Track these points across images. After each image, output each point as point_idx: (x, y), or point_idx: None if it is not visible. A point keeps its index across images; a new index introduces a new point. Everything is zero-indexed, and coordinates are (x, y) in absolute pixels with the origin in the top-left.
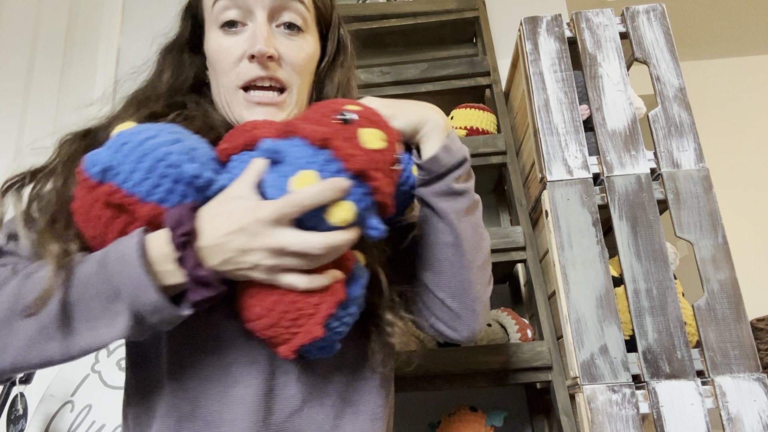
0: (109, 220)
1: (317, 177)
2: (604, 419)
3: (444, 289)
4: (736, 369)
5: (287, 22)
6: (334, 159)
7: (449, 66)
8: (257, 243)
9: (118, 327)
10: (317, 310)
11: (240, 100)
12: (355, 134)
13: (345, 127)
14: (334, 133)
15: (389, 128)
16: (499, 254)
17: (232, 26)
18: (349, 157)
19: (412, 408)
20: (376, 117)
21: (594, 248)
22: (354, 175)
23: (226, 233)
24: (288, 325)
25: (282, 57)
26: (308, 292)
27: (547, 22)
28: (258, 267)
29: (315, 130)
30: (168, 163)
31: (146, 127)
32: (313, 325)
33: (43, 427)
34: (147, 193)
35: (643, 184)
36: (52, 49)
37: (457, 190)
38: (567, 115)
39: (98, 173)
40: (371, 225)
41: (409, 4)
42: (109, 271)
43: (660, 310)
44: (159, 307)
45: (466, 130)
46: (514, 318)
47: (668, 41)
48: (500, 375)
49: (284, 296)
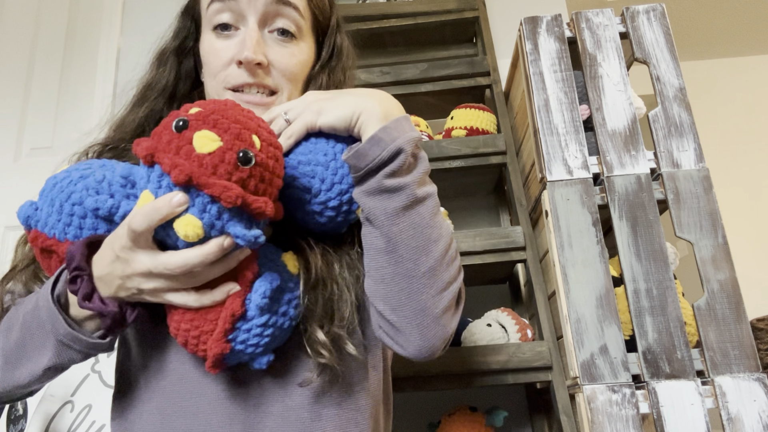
0: (47, 263)
1: (152, 196)
2: (604, 419)
3: (384, 300)
4: (736, 369)
5: (280, 29)
6: (164, 173)
7: (449, 66)
8: (129, 269)
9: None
10: (215, 326)
11: None
12: (191, 140)
13: (178, 135)
14: (156, 146)
15: (237, 124)
16: (499, 254)
17: (224, 29)
18: (173, 167)
19: (412, 408)
20: (217, 115)
21: (594, 248)
22: (185, 186)
23: (108, 263)
24: (195, 343)
25: (272, 63)
26: (206, 309)
27: (547, 22)
28: (143, 291)
29: (144, 147)
30: (72, 201)
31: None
32: (215, 342)
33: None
34: (61, 232)
35: (643, 184)
36: (52, 49)
37: (389, 186)
38: (567, 115)
39: (24, 222)
40: (235, 234)
41: (409, 4)
42: (38, 309)
43: (660, 310)
44: (74, 337)
45: (466, 130)
46: (514, 318)
47: (668, 41)
48: (500, 375)
49: (184, 315)
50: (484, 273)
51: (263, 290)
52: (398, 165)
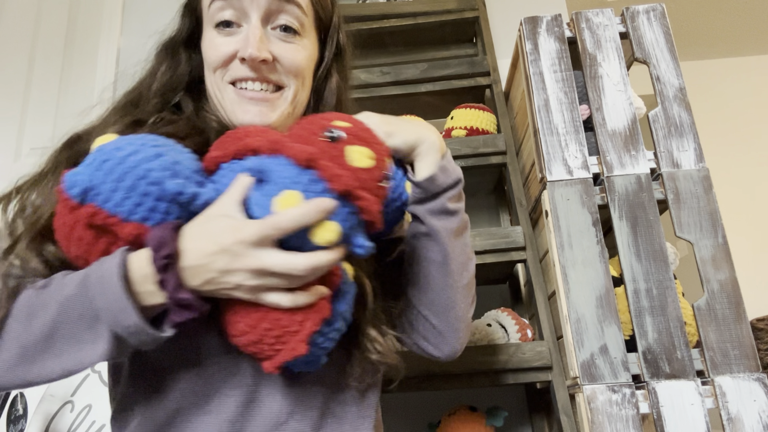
0: (92, 241)
1: (301, 198)
2: (604, 419)
3: (428, 307)
4: (736, 369)
5: (283, 25)
6: (319, 179)
7: (449, 66)
8: (239, 264)
9: (98, 350)
10: (302, 328)
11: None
12: (342, 153)
13: (332, 146)
14: (319, 153)
15: (378, 145)
16: (499, 254)
17: (226, 26)
18: (335, 177)
19: (412, 408)
20: (365, 133)
21: (594, 248)
22: (339, 195)
23: (208, 254)
24: (272, 342)
25: (277, 59)
26: (292, 310)
27: (547, 22)
28: (240, 287)
29: (302, 150)
30: (149, 180)
31: (127, 142)
32: (297, 343)
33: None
34: (129, 212)
35: (643, 184)
36: (52, 49)
37: (451, 209)
38: (567, 115)
39: (78, 194)
40: (357, 243)
41: (409, 4)
42: (90, 293)
43: (660, 310)
44: (139, 330)
45: (466, 130)
46: (514, 318)
47: (668, 41)
48: (500, 375)
49: (268, 313)
50: (484, 273)
51: (349, 297)
52: (457, 192)
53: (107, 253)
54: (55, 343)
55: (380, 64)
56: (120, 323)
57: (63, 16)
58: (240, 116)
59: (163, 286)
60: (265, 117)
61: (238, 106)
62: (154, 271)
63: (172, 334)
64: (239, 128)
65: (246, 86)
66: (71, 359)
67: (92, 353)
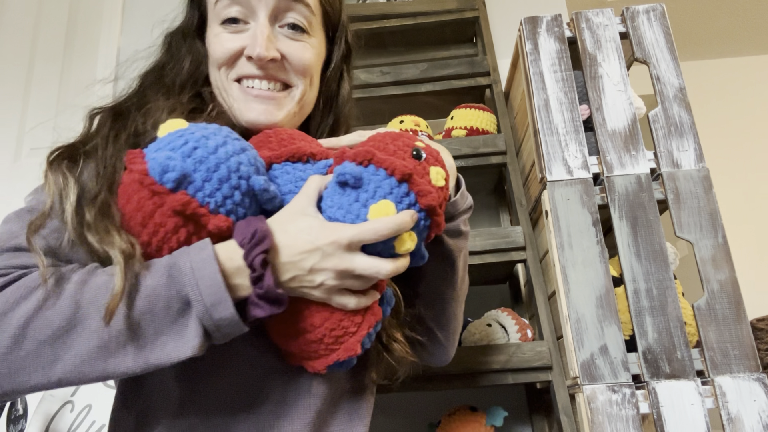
0: (173, 229)
1: (395, 208)
2: (604, 419)
3: (434, 319)
4: (736, 369)
5: (291, 23)
6: (411, 193)
7: (449, 66)
8: (329, 264)
9: (189, 344)
10: (359, 329)
11: (236, 93)
12: (428, 172)
13: (419, 164)
14: (414, 169)
15: (445, 166)
16: (499, 254)
17: (233, 23)
18: (426, 193)
19: (412, 408)
20: (438, 155)
21: (594, 248)
22: (423, 210)
23: (302, 252)
24: (330, 342)
25: (285, 57)
26: (353, 311)
27: (547, 22)
28: (321, 286)
29: (403, 165)
30: (240, 174)
31: (211, 131)
32: (354, 343)
33: (43, 427)
34: (218, 204)
35: (643, 184)
36: (52, 49)
37: (463, 231)
38: (567, 115)
39: (173, 181)
40: (422, 254)
41: (409, 4)
42: (180, 283)
43: (660, 310)
44: (231, 323)
45: (466, 130)
46: (514, 318)
47: (668, 41)
48: (500, 375)
49: (332, 314)
50: (484, 273)
51: (393, 302)
52: (468, 215)
53: (186, 243)
54: (138, 335)
55: (380, 64)
56: (213, 316)
57: (63, 16)
58: (245, 114)
59: (257, 281)
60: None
61: (244, 104)
62: (245, 264)
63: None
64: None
65: (253, 84)
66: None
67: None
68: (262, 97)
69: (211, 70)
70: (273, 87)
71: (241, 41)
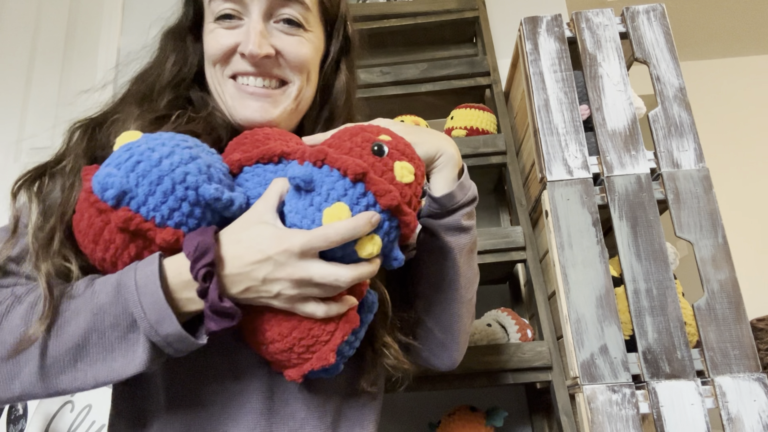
0: (123, 245)
1: (349, 211)
2: (604, 419)
3: (434, 319)
4: (736, 369)
5: (286, 18)
6: (368, 193)
7: (449, 66)
8: (283, 273)
9: (136, 360)
10: (332, 337)
11: (231, 90)
12: (390, 168)
13: (380, 160)
14: (369, 167)
15: (418, 159)
16: (499, 254)
17: (227, 19)
18: (384, 192)
19: (412, 408)
20: (406, 148)
21: (594, 248)
22: (385, 210)
23: (251, 262)
24: (301, 351)
25: (280, 53)
26: (324, 319)
27: (547, 22)
28: (280, 296)
29: (355, 164)
30: (186, 185)
31: (160, 142)
32: (327, 352)
33: (43, 427)
34: (164, 217)
35: (643, 184)
36: (52, 49)
37: (465, 226)
38: (567, 115)
39: (112, 197)
40: (394, 256)
41: (409, 4)
42: (126, 300)
43: (660, 310)
44: (179, 338)
45: (466, 130)
46: (514, 318)
47: (668, 41)
48: (500, 375)
49: (300, 323)
50: (484, 273)
51: (375, 307)
52: (472, 209)
53: (138, 258)
54: (88, 352)
55: (380, 64)
56: (159, 332)
57: (63, 16)
58: (240, 111)
59: (203, 294)
60: (266, 113)
61: (239, 101)
62: (193, 278)
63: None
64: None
65: (247, 81)
66: (105, 369)
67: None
68: (257, 94)
69: (207, 67)
70: (268, 84)
71: (235, 37)
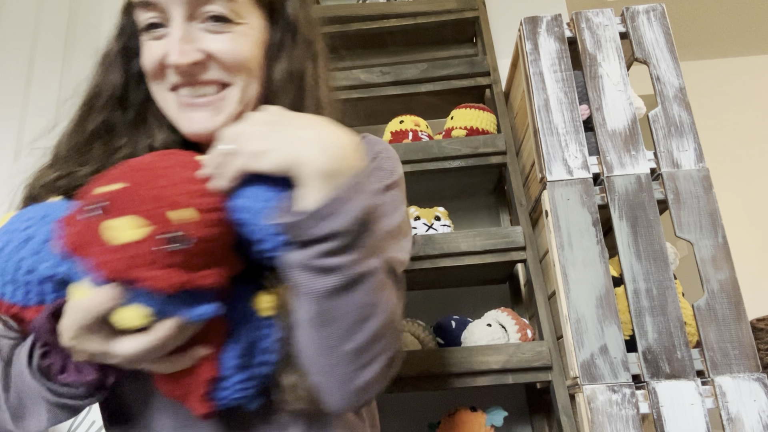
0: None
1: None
2: (604, 419)
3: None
4: (736, 369)
5: (211, 15)
6: (88, 269)
7: (449, 66)
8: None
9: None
10: (194, 389)
11: (172, 104)
12: (103, 230)
13: (92, 223)
14: (77, 237)
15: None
16: (499, 254)
17: (154, 28)
18: (100, 265)
19: (412, 408)
20: (143, 191)
21: (594, 248)
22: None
23: (72, 337)
24: (182, 399)
25: (212, 55)
26: (181, 373)
27: (547, 22)
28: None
29: (64, 237)
30: (24, 270)
31: (3, 231)
32: (195, 403)
33: None
34: (24, 299)
35: (643, 184)
36: (52, 49)
37: (324, 266)
38: (567, 115)
39: None
40: (191, 314)
41: (409, 4)
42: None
43: (660, 310)
44: (62, 404)
45: (466, 130)
46: (514, 318)
47: (668, 41)
48: (500, 375)
49: (167, 376)
50: (484, 273)
51: (234, 352)
52: (335, 246)
53: None
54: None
55: (380, 64)
56: (48, 399)
57: (63, 16)
58: (185, 125)
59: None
60: (210, 122)
61: (182, 115)
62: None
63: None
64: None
65: (185, 93)
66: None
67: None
68: (196, 105)
69: (148, 84)
70: (204, 92)
71: (162, 48)
